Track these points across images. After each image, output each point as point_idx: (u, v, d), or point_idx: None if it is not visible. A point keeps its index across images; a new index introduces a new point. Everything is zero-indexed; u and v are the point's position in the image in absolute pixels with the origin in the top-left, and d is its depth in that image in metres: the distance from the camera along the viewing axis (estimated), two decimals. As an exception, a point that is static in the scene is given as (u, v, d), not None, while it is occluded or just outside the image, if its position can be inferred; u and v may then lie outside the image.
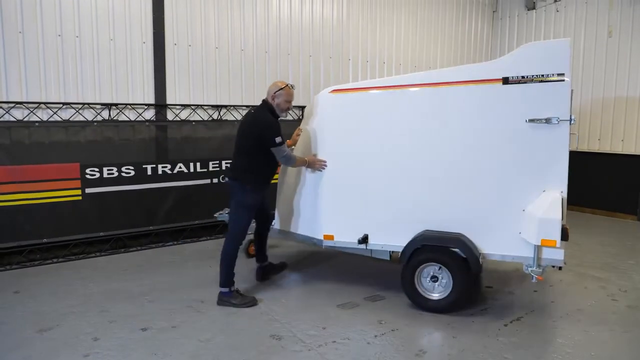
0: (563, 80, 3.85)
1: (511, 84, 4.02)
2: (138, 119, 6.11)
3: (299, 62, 7.46)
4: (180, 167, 6.33)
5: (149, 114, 6.23)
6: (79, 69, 5.75)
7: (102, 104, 5.88)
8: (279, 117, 4.48)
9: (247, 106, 6.95)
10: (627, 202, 7.94)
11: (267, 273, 5.09)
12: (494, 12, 10.14)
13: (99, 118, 5.84)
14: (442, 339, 3.79)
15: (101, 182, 5.78)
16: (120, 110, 6.01)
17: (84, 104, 5.76)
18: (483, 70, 4.19)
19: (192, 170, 6.42)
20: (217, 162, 6.59)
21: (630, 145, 7.93)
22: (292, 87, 4.52)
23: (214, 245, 6.38)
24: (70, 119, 5.65)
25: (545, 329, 3.99)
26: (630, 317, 4.26)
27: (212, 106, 6.68)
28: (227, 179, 4.60)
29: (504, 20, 10.01)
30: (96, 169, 5.73)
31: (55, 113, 5.60)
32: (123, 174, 5.92)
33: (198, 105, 6.57)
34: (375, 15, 8.27)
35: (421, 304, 4.31)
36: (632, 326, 4.07)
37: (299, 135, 5.03)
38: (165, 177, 6.24)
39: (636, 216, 7.90)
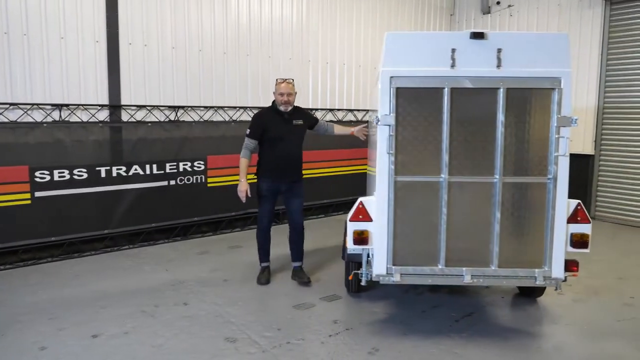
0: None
1: None
2: (91, 120, 5.95)
3: (258, 63, 7.42)
4: (135, 169, 6.20)
5: (103, 115, 6.08)
6: (27, 69, 5.54)
7: (52, 105, 5.69)
8: (280, 110, 4.89)
9: (205, 107, 6.87)
10: (577, 199, 8.23)
11: (294, 275, 5.13)
12: (451, 15, 10.36)
13: (49, 119, 5.66)
14: (395, 336, 3.86)
15: (52, 185, 5.59)
16: (72, 111, 5.83)
17: (32, 104, 5.56)
18: None
19: (148, 172, 6.29)
20: (175, 163, 6.49)
21: (579, 145, 8.24)
22: (284, 80, 4.97)
23: (171, 248, 6.28)
24: (18, 120, 5.45)
25: (495, 324, 4.11)
26: (575, 310, 4.44)
27: (169, 107, 6.57)
28: None
29: (460, 23, 10.23)
30: (46, 172, 5.54)
31: (1, 114, 5.38)
32: (75, 177, 5.74)
33: (154, 106, 6.45)
34: (334, 17, 8.31)
35: None
36: (576, 318, 4.25)
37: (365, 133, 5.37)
38: (120, 179, 6.09)
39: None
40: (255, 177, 4.99)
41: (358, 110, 8.60)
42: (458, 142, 3.73)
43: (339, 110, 8.38)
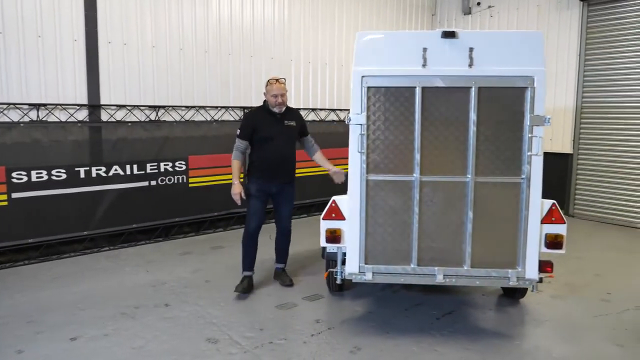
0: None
1: None
2: (70, 120, 5.86)
3: (239, 62, 7.38)
4: (116, 170, 6.12)
5: (82, 115, 5.99)
6: (4, 67, 5.43)
7: (29, 104, 5.59)
8: (274, 112, 4.67)
9: (186, 107, 6.82)
10: (556, 197, 8.36)
11: (277, 276, 5.07)
12: (432, 15, 10.44)
13: (26, 119, 5.55)
14: (377, 335, 3.87)
15: (29, 186, 5.48)
16: (50, 111, 5.74)
17: (9, 104, 5.45)
18: None
19: (128, 172, 6.21)
20: (156, 164, 6.42)
21: (558, 144, 8.39)
22: (277, 80, 4.64)
23: (152, 249, 6.22)
24: (-6, 120, 5.36)
25: (476, 321, 4.16)
26: (554, 307, 4.51)
27: (150, 107, 6.50)
28: None
29: (442, 23, 10.31)
30: (24, 173, 5.44)
31: (-24, 114, 5.28)
32: (53, 178, 5.65)
33: (134, 106, 6.37)
34: (316, 17, 8.31)
35: None
36: (555, 314, 4.32)
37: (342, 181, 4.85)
38: (100, 180, 6.01)
39: (564, 211, 8.36)
40: (245, 177, 4.85)
41: (340, 109, 8.61)
42: (430, 141, 3.73)
43: (321, 110, 8.39)
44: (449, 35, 3.66)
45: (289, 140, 4.78)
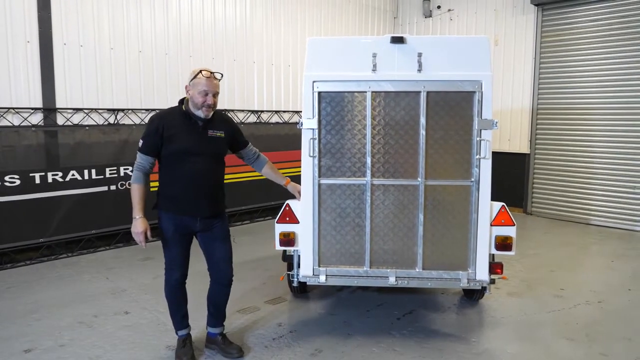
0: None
1: None
2: (23, 124, 5.68)
3: (201, 65, 7.30)
4: (73, 175, 5.97)
5: (36, 119, 5.81)
6: (-49, 70, 5.24)
7: (-21, 108, 5.40)
8: (192, 114, 3.34)
9: (146, 110, 6.71)
10: (514, 196, 8.64)
11: (215, 344, 3.72)
12: (394, 18, 10.60)
13: (-24, 123, 5.36)
14: (338, 336, 3.92)
15: (-20, 193, 5.31)
16: (2, 115, 5.55)
17: (-43, 108, 5.26)
18: None
19: (86, 177, 6.07)
20: (115, 168, 6.30)
21: (515, 145, 8.66)
22: (211, 74, 3.34)
23: (113, 255, 6.09)
24: (-59, 125, 5.14)
25: (434, 321, 4.25)
26: (509, 303, 4.65)
27: (108, 110, 6.37)
28: None
29: (404, 26, 10.49)
30: (-26, 179, 5.26)
31: None
32: (7, 184, 5.47)
33: (92, 109, 6.23)
34: (279, 19, 8.31)
35: None
36: (511, 311, 4.46)
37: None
38: (56, 185, 5.85)
39: (522, 209, 8.63)
40: (156, 208, 3.48)
41: (304, 111, 8.62)
42: (381, 145, 3.81)
43: (285, 112, 8.39)
44: (398, 40, 3.72)
45: (214, 156, 3.43)
